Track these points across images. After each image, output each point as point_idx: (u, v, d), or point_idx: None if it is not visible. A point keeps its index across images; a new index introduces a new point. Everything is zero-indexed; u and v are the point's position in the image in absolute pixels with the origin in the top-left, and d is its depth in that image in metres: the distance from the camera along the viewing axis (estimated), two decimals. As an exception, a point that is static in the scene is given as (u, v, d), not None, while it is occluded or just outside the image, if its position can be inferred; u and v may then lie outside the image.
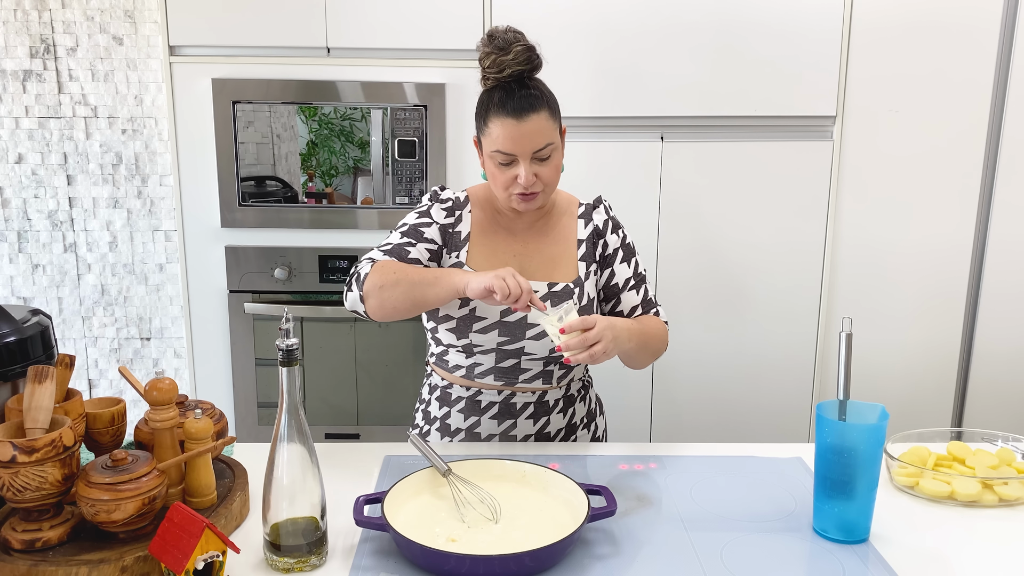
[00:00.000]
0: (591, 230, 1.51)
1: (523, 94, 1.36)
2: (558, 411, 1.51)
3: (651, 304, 1.53)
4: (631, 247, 1.54)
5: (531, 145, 1.36)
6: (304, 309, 2.33)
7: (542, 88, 1.40)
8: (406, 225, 1.48)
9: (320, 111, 2.26)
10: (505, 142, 1.36)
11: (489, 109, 1.38)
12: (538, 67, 1.40)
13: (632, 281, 1.51)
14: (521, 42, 1.37)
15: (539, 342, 1.44)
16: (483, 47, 1.39)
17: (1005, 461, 1.32)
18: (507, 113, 1.35)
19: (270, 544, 1.05)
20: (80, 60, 2.46)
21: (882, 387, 2.36)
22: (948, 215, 2.30)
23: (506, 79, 1.38)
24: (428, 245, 1.46)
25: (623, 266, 1.51)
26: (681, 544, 1.12)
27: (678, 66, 2.21)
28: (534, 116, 1.35)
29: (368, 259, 1.43)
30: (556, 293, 1.45)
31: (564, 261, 1.49)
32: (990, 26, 2.20)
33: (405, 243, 1.45)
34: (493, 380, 1.47)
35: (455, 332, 1.45)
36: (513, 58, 1.36)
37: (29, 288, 2.61)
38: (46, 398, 1.05)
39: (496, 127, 1.36)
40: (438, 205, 1.49)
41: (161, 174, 2.53)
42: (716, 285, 2.33)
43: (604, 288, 1.52)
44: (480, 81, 1.42)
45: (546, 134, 1.37)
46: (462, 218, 1.49)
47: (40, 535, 1.03)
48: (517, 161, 1.37)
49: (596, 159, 2.25)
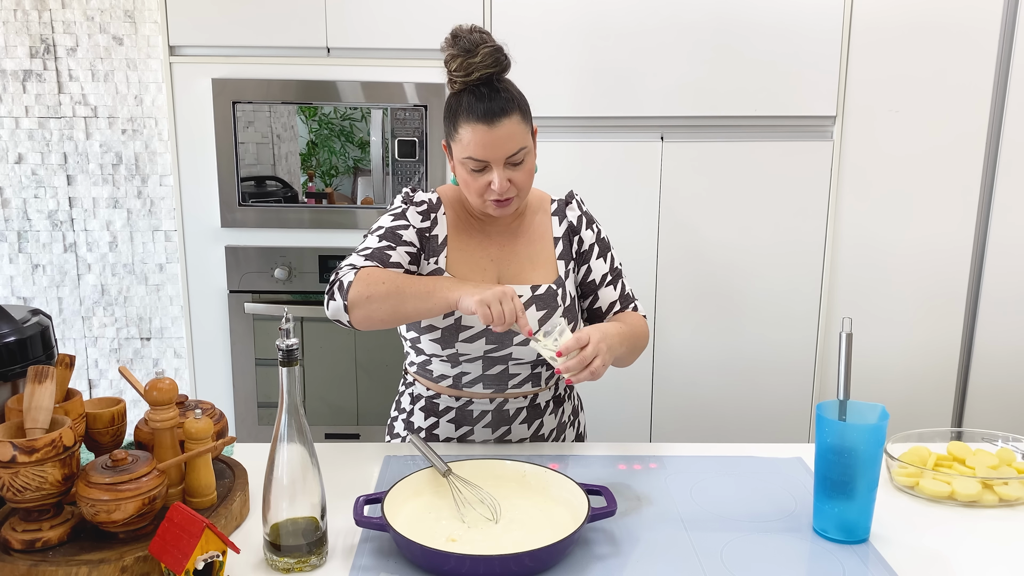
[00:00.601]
0: (566, 227, 1.49)
1: (493, 98, 1.30)
2: (550, 412, 1.51)
3: (629, 299, 1.51)
4: (606, 242, 1.52)
5: (504, 151, 1.31)
6: (304, 309, 2.33)
7: (512, 90, 1.34)
8: (382, 228, 1.41)
9: (320, 111, 2.26)
10: (477, 149, 1.31)
11: (458, 114, 1.32)
12: (506, 68, 1.34)
13: (609, 276, 1.50)
14: (488, 43, 1.32)
15: (527, 347, 1.41)
16: (448, 48, 1.33)
17: (1005, 461, 1.32)
18: (477, 119, 1.30)
19: (270, 544, 1.05)
20: (80, 60, 2.46)
21: (882, 387, 2.36)
22: (948, 215, 2.30)
23: (474, 82, 1.32)
24: (408, 248, 1.40)
25: (599, 262, 1.49)
26: (681, 544, 1.12)
27: (678, 66, 2.21)
28: (506, 121, 1.30)
29: (349, 265, 1.35)
30: (540, 296, 1.42)
31: (542, 261, 1.47)
32: (990, 26, 2.20)
33: (385, 247, 1.38)
34: (482, 388, 1.45)
35: (440, 342, 1.41)
36: (480, 60, 1.30)
37: (29, 288, 2.61)
38: (46, 398, 1.05)
39: (467, 133, 1.31)
40: (413, 208, 1.44)
41: (161, 174, 2.53)
42: (716, 285, 2.33)
43: (581, 284, 1.50)
44: (447, 84, 1.37)
45: (518, 139, 1.32)
46: (437, 221, 1.44)
47: (40, 535, 1.03)
48: (490, 167, 1.32)
49: (595, 159, 2.25)
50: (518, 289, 1.42)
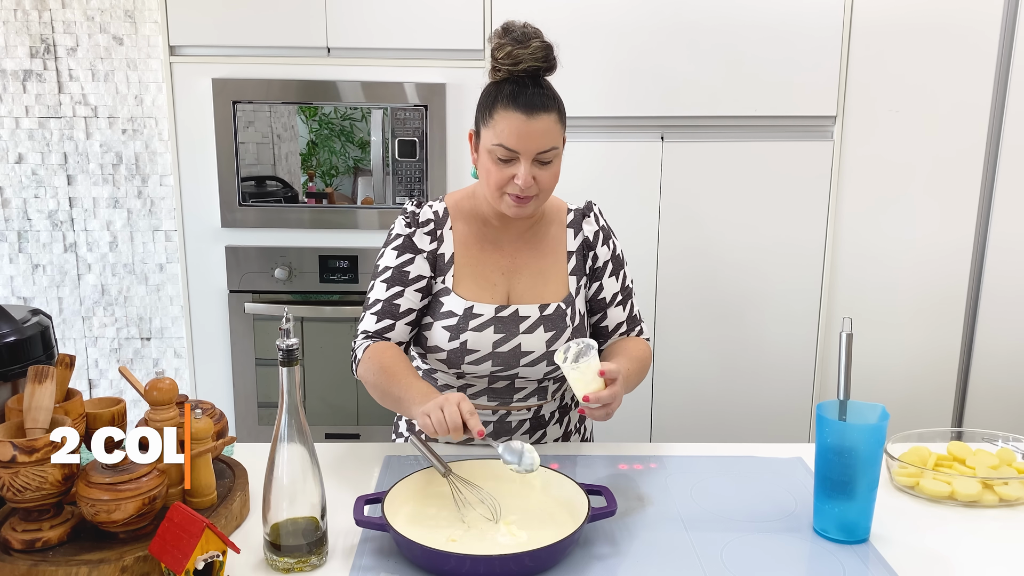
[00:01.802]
0: (581, 241, 1.46)
1: (536, 91, 1.30)
2: (554, 422, 1.49)
3: (636, 321, 1.49)
4: (621, 259, 1.49)
5: (536, 145, 1.30)
6: (304, 309, 2.33)
7: (554, 91, 1.34)
8: (389, 270, 1.40)
9: (320, 111, 2.26)
10: (510, 137, 1.29)
11: (497, 101, 1.30)
12: (553, 67, 1.34)
13: (619, 296, 1.47)
14: (540, 38, 1.31)
15: (534, 368, 1.40)
16: (497, 38, 1.32)
17: (1005, 461, 1.32)
18: (517, 108, 1.28)
19: (270, 544, 1.05)
20: (80, 60, 2.46)
21: (882, 387, 2.36)
22: (948, 215, 2.30)
23: (520, 73, 1.31)
24: (416, 285, 1.40)
25: (611, 280, 1.46)
26: (681, 544, 1.12)
27: (678, 66, 2.21)
28: (544, 116, 1.29)
29: (363, 333, 1.41)
30: (548, 316, 1.40)
31: (554, 276, 1.44)
32: (991, 26, 2.19)
33: (392, 295, 1.39)
34: (487, 401, 1.44)
35: (446, 363, 1.41)
36: (531, 53, 1.30)
37: (29, 288, 2.61)
38: (46, 398, 1.05)
39: (503, 121, 1.29)
40: (420, 230, 1.41)
41: (161, 174, 2.53)
42: (716, 285, 2.33)
43: (590, 301, 1.47)
44: (489, 73, 1.35)
45: (552, 137, 1.31)
46: (443, 237, 1.42)
47: (40, 535, 1.03)
48: (518, 160, 1.30)
49: (596, 159, 2.25)
50: (525, 309, 1.40)
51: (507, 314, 1.39)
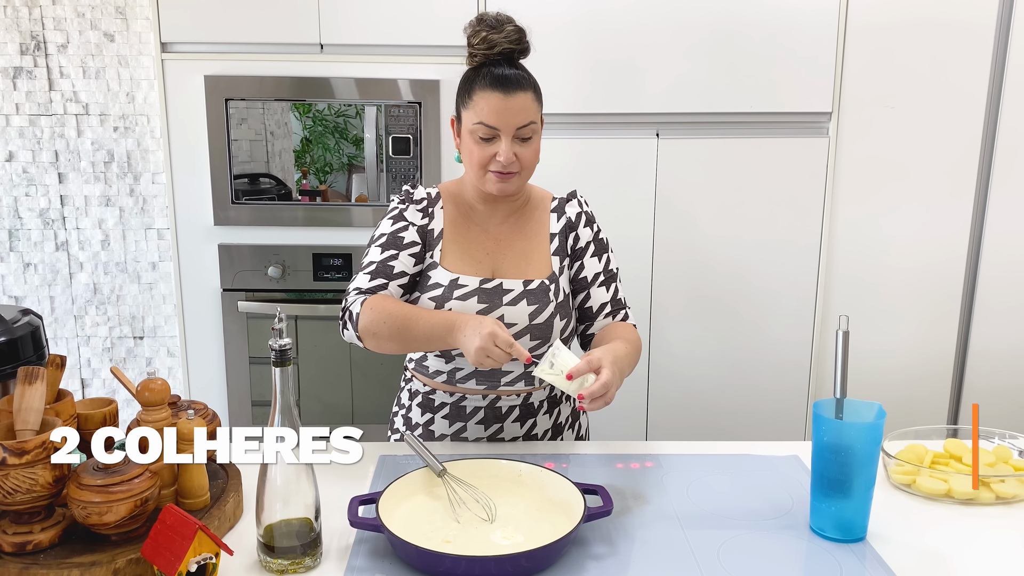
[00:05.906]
0: (563, 223, 1.50)
1: (512, 72, 1.37)
2: (543, 412, 1.50)
3: (620, 304, 1.51)
4: (604, 243, 1.53)
5: (515, 121, 1.35)
6: (298, 307, 2.32)
7: (528, 72, 1.40)
8: (384, 235, 1.46)
9: (314, 108, 2.25)
10: (490, 115, 1.35)
11: (475, 83, 1.37)
12: (527, 50, 1.41)
13: (602, 277, 1.50)
14: (513, 23, 1.39)
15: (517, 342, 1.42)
16: (472, 27, 1.39)
17: (1002, 458, 1.32)
18: (495, 87, 1.35)
19: (264, 546, 1.04)
20: (71, 57, 2.44)
21: (879, 385, 2.36)
22: (944, 211, 2.30)
23: (495, 56, 1.38)
24: (410, 250, 1.44)
25: (593, 260, 1.50)
26: (678, 543, 1.12)
27: (674, 63, 2.20)
28: (520, 94, 1.36)
29: (356, 290, 1.42)
30: (532, 291, 1.43)
31: (537, 256, 1.48)
32: (986, 22, 2.19)
33: (387, 257, 1.43)
34: (475, 384, 1.46)
35: None
36: (505, 36, 1.37)
37: (20, 287, 2.59)
38: (36, 399, 1.04)
39: (482, 100, 1.36)
40: (413, 206, 1.48)
41: (153, 172, 2.52)
42: (712, 282, 2.32)
43: (573, 281, 1.51)
44: (466, 60, 1.42)
45: (530, 112, 1.37)
46: (434, 215, 1.48)
47: (31, 537, 1.02)
48: (498, 137, 1.36)
49: (591, 156, 2.24)
50: (509, 283, 1.43)
51: (491, 286, 1.43)
